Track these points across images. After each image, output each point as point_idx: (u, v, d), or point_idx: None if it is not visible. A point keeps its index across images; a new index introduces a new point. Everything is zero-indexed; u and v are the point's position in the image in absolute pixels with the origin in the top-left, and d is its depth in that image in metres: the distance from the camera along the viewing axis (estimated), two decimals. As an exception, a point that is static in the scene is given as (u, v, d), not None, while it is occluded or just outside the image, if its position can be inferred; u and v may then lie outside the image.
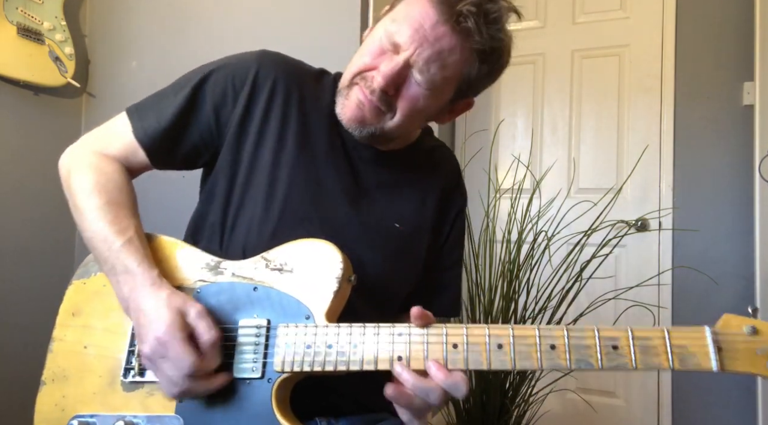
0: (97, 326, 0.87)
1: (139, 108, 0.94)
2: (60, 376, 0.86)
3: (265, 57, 0.94)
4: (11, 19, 1.77)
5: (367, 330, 0.75)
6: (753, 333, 0.67)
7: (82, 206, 0.87)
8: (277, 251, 0.83)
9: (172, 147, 0.92)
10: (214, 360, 0.77)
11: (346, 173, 0.94)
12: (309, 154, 0.92)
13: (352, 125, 0.89)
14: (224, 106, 0.91)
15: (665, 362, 0.67)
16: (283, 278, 0.81)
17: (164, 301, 0.77)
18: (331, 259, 0.80)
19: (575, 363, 0.69)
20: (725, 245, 2.42)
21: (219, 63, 0.95)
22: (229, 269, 0.84)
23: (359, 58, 0.88)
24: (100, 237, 0.83)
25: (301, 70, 0.97)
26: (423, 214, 0.98)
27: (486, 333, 0.72)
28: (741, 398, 2.35)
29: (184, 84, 0.93)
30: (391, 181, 0.97)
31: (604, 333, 0.69)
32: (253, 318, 0.80)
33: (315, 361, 0.75)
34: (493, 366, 0.71)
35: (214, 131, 0.92)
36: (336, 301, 0.79)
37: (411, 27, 0.82)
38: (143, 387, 0.81)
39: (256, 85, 0.91)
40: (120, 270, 0.82)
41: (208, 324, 0.77)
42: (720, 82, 2.46)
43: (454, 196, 1.04)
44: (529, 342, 0.70)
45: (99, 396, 0.83)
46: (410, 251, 0.97)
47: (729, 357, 0.67)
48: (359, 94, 0.86)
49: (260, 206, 0.90)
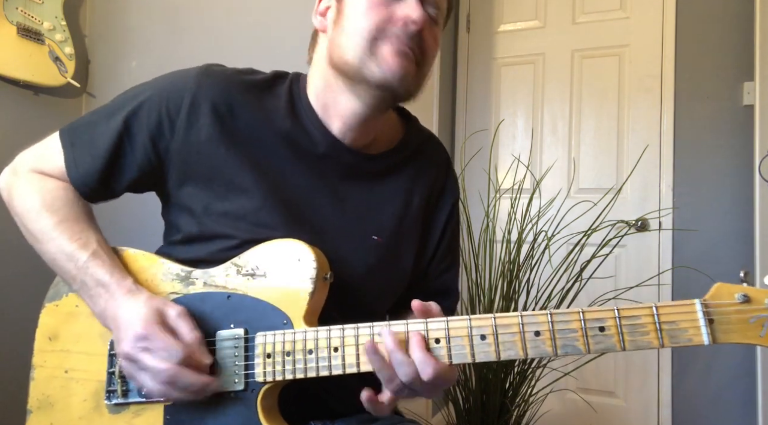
0: (75, 349, 0.85)
1: (72, 135, 0.87)
2: (45, 403, 0.85)
3: (202, 77, 0.85)
4: (11, 19, 1.77)
5: (347, 332, 0.73)
6: (745, 301, 0.63)
7: (34, 229, 0.84)
8: (247, 255, 0.80)
9: (109, 184, 0.87)
10: (205, 357, 0.75)
11: (313, 185, 0.87)
12: (266, 173, 0.84)
13: (406, 79, 0.80)
14: (161, 135, 0.83)
15: (655, 340, 0.65)
16: (257, 283, 0.79)
17: (142, 303, 0.76)
18: (303, 258, 0.77)
19: (561, 348, 0.67)
20: (725, 245, 2.42)
21: (153, 87, 0.87)
22: (200, 279, 0.81)
23: (364, 18, 0.79)
24: (64, 257, 0.81)
25: (247, 84, 0.87)
26: (406, 220, 0.92)
27: (468, 325, 0.69)
28: (741, 398, 2.35)
29: (118, 109, 0.85)
30: (368, 187, 0.90)
31: (589, 315, 0.67)
32: (229, 329, 0.78)
33: (297, 368, 0.74)
34: (478, 358, 0.69)
35: (154, 162, 0.85)
36: (313, 302, 0.77)
37: None
38: (129, 409, 0.80)
39: (192, 111, 0.83)
40: (92, 285, 0.80)
41: (190, 324, 0.76)
42: (720, 82, 2.46)
43: (444, 192, 0.97)
44: (513, 330, 0.68)
45: (86, 421, 0.82)
46: (392, 262, 0.90)
47: (721, 328, 0.64)
48: (397, 44, 0.79)
49: (229, 240, 0.83)
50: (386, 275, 0.90)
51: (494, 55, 2.89)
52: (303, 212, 0.85)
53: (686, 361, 2.48)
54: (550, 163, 2.65)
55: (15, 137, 1.87)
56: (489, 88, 2.89)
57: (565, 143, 2.73)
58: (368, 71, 0.79)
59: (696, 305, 0.65)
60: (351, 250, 0.86)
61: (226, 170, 0.84)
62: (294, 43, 1.40)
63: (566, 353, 0.67)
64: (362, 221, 0.88)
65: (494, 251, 2.07)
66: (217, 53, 1.99)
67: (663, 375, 2.49)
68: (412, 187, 0.93)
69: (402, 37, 0.79)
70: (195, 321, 0.77)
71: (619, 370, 2.57)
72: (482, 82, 2.89)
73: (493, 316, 0.69)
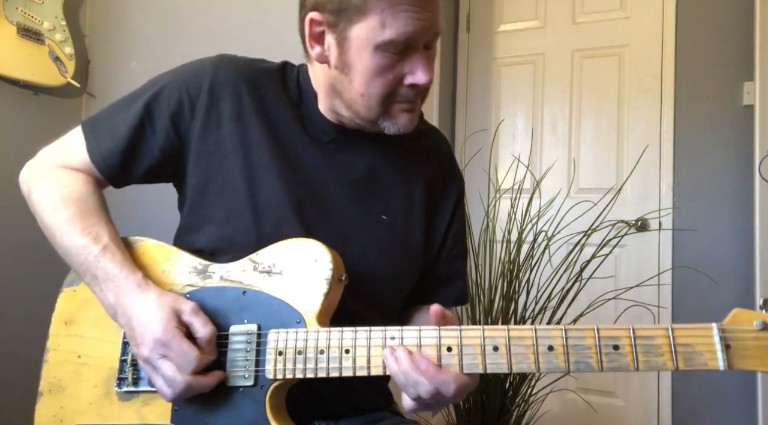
0: (90, 335, 0.86)
1: (94, 124, 0.90)
2: (57, 387, 0.86)
3: (220, 62, 0.90)
4: (11, 19, 1.77)
5: (359, 334, 0.73)
6: (764, 329, 0.62)
7: (49, 223, 0.85)
8: (264, 252, 0.81)
9: (130, 166, 0.89)
10: (213, 354, 0.76)
11: (324, 168, 0.89)
12: (283, 154, 0.88)
13: (414, 125, 0.87)
14: (182, 117, 0.87)
15: (669, 362, 0.64)
16: (272, 281, 0.79)
17: (155, 302, 0.77)
18: (320, 259, 0.78)
19: (574, 365, 0.66)
20: (725, 245, 2.42)
21: (172, 74, 0.91)
22: (217, 273, 0.82)
23: (375, 84, 0.80)
24: (76, 249, 0.82)
25: (260, 70, 0.92)
26: (412, 204, 0.94)
27: (481, 335, 0.69)
28: (741, 398, 2.35)
29: (139, 96, 0.89)
30: (374, 170, 0.92)
31: (604, 332, 0.66)
32: (243, 324, 0.79)
33: (307, 368, 0.74)
34: (489, 369, 0.69)
35: (176, 142, 0.88)
36: (327, 303, 0.77)
37: (414, 25, 0.77)
38: (138, 397, 0.81)
39: (212, 94, 0.87)
40: (102, 278, 0.81)
41: (204, 319, 0.77)
42: (720, 82, 2.46)
43: (448, 183, 0.99)
44: (527, 344, 0.68)
45: (95, 407, 0.83)
46: (402, 243, 0.92)
47: (738, 354, 0.63)
48: (407, 104, 0.84)
49: (246, 217, 0.86)
50: (398, 257, 0.91)
51: (494, 55, 2.89)
52: (315, 195, 0.88)
53: (686, 361, 2.47)
54: (550, 163, 2.65)
55: (15, 137, 1.87)
56: (489, 88, 2.89)
57: (565, 143, 2.73)
58: (382, 126, 0.85)
59: (713, 330, 0.64)
60: (361, 231, 0.89)
61: (246, 149, 0.87)
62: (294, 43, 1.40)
63: (578, 369, 0.66)
64: (370, 201, 0.91)
65: (494, 251, 2.07)
66: (216, 52, 1.99)
67: (663, 375, 2.49)
68: (416, 172, 0.95)
69: (411, 97, 0.83)
70: (208, 315, 0.79)
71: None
72: (482, 82, 2.89)
73: (507, 328, 0.69)
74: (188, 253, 0.85)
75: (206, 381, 0.76)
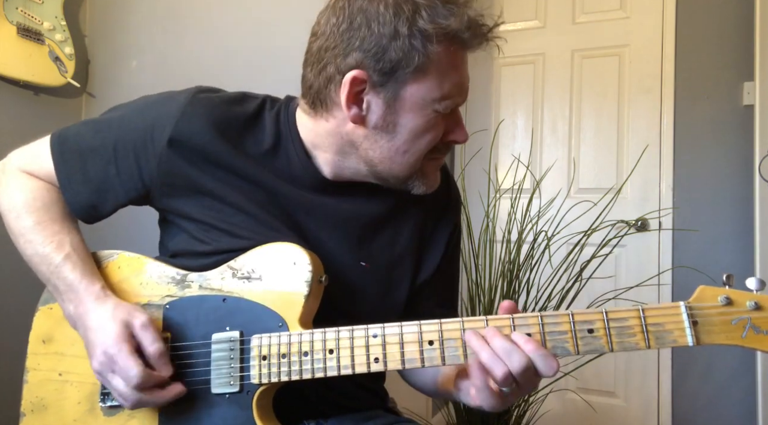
0: (70, 352, 0.85)
1: (63, 150, 0.86)
2: (39, 406, 0.85)
3: (188, 107, 0.82)
4: (11, 19, 1.76)
5: (342, 334, 0.74)
6: (727, 304, 0.65)
7: (14, 228, 0.85)
8: (243, 258, 0.80)
9: (99, 210, 0.87)
10: (164, 370, 0.76)
11: (302, 211, 0.85)
12: (255, 197, 0.83)
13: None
14: (146, 163, 0.83)
15: (642, 342, 0.66)
16: (252, 286, 0.79)
17: (110, 314, 0.77)
18: (299, 262, 0.77)
19: (551, 349, 0.67)
20: (725, 245, 2.42)
21: (140, 113, 0.86)
22: (196, 282, 0.82)
23: (422, 139, 0.78)
24: (38, 258, 0.82)
25: (232, 116, 0.84)
26: (398, 249, 0.89)
27: (461, 327, 0.70)
28: (741, 397, 2.35)
29: (106, 130, 0.85)
30: (356, 216, 0.87)
31: (579, 317, 0.68)
32: (225, 331, 0.78)
33: (292, 371, 0.74)
34: (470, 359, 0.69)
35: (140, 188, 0.84)
36: (308, 305, 0.77)
37: (461, 86, 0.81)
38: (124, 411, 0.80)
39: (176, 139, 0.81)
40: (63, 289, 0.80)
41: (153, 335, 0.76)
42: (720, 82, 2.46)
43: (441, 221, 0.94)
44: (504, 332, 0.68)
45: (80, 423, 0.82)
46: (382, 290, 0.88)
47: (705, 330, 0.65)
48: (440, 161, 0.84)
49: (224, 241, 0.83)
50: (377, 302, 0.88)
51: (494, 55, 2.88)
52: (293, 231, 0.84)
53: (686, 361, 2.48)
54: (550, 163, 2.65)
55: (15, 137, 1.86)
56: (489, 88, 2.89)
57: (565, 143, 2.73)
58: (411, 185, 0.83)
59: (681, 308, 0.66)
60: (340, 273, 0.84)
61: (217, 193, 0.83)
62: (293, 43, 1.40)
63: (556, 354, 0.68)
64: (350, 248, 0.86)
65: (494, 251, 2.07)
66: (216, 53, 1.99)
67: (663, 375, 2.50)
68: (407, 216, 0.91)
69: (444, 152, 0.84)
70: (188, 328, 0.78)
71: (619, 370, 2.57)
72: (482, 82, 2.89)
73: (486, 319, 0.70)
74: (165, 263, 0.84)
75: (161, 395, 0.75)
